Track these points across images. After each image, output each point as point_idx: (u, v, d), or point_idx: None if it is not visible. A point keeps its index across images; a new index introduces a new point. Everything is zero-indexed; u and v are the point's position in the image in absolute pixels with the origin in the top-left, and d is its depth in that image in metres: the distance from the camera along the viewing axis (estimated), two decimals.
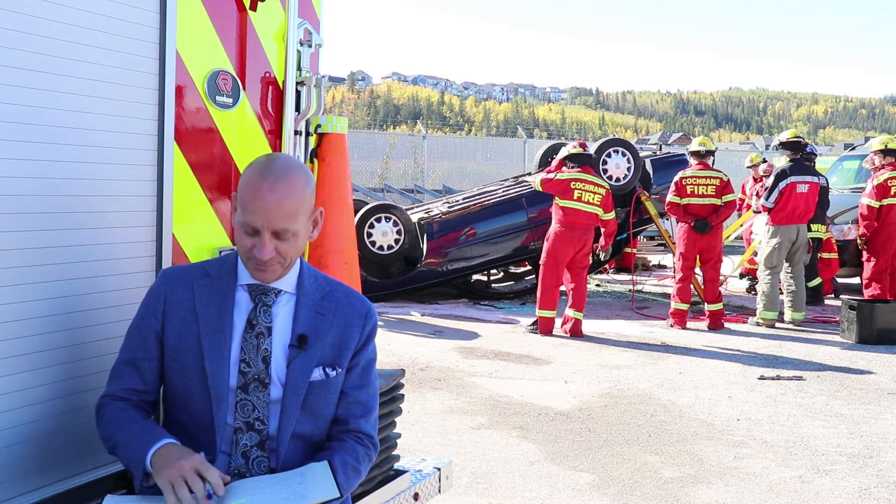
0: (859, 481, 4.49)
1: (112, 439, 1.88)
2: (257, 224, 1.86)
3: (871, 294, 9.30)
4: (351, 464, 1.96)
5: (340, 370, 1.99)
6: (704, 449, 4.99)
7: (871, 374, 6.97)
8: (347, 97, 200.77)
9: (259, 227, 1.86)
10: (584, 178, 8.43)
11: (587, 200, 8.38)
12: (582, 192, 8.39)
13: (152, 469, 1.78)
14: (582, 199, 8.38)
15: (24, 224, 1.92)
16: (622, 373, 6.90)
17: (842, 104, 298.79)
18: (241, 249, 1.92)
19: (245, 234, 1.89)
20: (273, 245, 1.88)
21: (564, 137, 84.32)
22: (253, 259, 1.89)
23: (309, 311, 1.98)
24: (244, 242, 1.90)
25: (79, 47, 2.03)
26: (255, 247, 1.88)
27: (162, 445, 1.81)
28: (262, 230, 1.87)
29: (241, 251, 1.92)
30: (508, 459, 4.76)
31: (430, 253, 10.46)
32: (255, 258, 1.88)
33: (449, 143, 22.09)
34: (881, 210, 9.32)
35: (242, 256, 1.93)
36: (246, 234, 1.89)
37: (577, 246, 8.41)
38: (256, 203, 1.86)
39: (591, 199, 8.38)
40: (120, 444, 1.87)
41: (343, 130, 2.92)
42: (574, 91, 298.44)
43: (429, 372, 6.81)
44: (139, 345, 1.95)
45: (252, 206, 1.86)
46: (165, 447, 1.81)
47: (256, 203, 1.86)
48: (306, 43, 2.78)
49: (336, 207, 2.87)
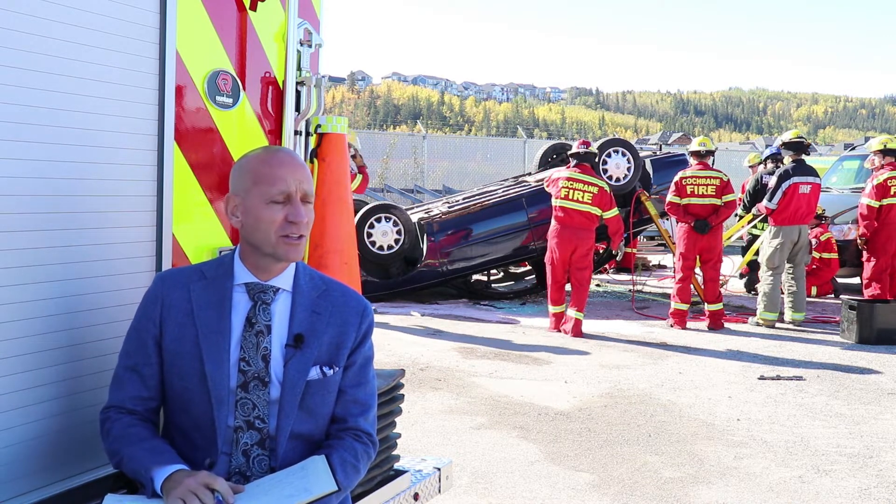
0: (859, 481, 4.49)
1: (118, 455, 1.88)
2: (290, 188, 1.89)
3: (871, 294, 9.30)
4: (350, 461, 1.95)
5: (337, 369, 1.98)
6: (704, 449, 4.99)
7: (871, 374, 6.97)
8: (347, 97, 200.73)
9: (292, 191, 1.89)
10: (575, 177, 8.51)
11: (576, 199, 8.43)
12: (570, 191, 8.46)
13: (162, 493, 1.78)
14: (570, 198, 8.45)
15: (24, 224, 1.92)
16: (622, 373, 6.90)
17: (842, 104, 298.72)
18: (272, 227, 1.89)
19: (273, 209, 1.89)
20: (304, 211, 1.91)
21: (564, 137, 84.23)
22: (290, 227, 1.89)
23: (305, 311, 1.98)
24: (274, 217, 1.89)
25: (79, 47, 2.03)
26: (290, 213, 1.88)
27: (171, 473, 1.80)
28: (295, 193, 1.89)
29: (272, 228, 1.89)
30: (508, 459, 4.77)
31: (430, 253, 10.47)
32: (294, 223, 1.89)
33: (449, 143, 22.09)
34: (881, 210, 9.32)
35: (272, 237, 1.90)
36: (274, 208, 1.89)
37: (571, 245, 8.45)
38: (281, 170, 1.89)
39: (581, 198, 8.42)
40: (127, 462, 1.86)
41: (343, 130, 2.91)
42: (574, 91, 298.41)
43: (429, 372, 6.81)
44: (138, 350, 1.94)
45: (278, 174, 1.89)
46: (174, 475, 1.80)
47: (281, 170, 1.89)
48: (306, 43, 2.78)
49: (336, 207, 2.87)
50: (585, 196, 8.40)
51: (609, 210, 8.48)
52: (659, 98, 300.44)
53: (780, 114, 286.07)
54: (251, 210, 1.91)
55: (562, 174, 8.66)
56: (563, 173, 8.67)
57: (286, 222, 1.89)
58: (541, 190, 10.52)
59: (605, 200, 8.45)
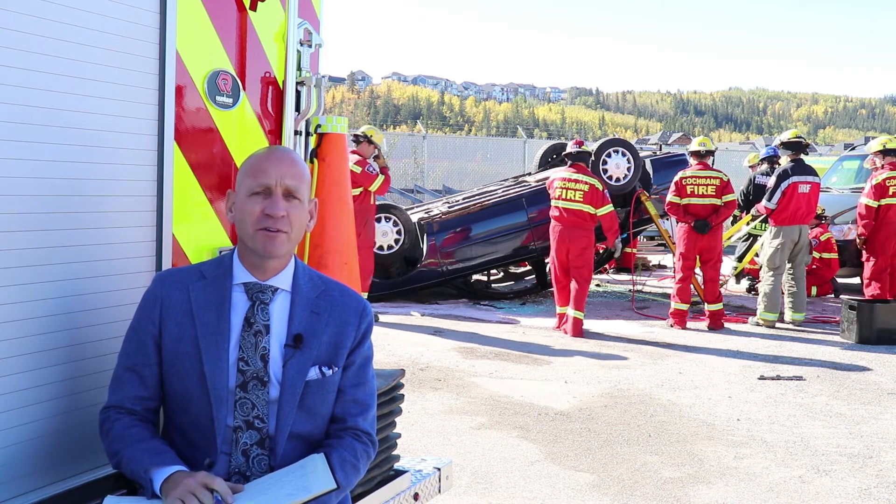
0: (859, 481, 4.49)
1: (118, 456, 1.88)
2: (270, 181, 1.91)
3: (871, 294, 9.30)
4: (349, 461, 1.96)
5: (337, 369, 1.99)
6: (704, 449, 4.99)
7: (871, 374, 6.97)
8: (347, 97, 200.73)
9: (272, 184, 1.91)
10: (567, 176, 8.58)
11: (568, 198, 8.49)
12: (563, 190, 8.54)
13: (161, 494, 1.78)
14: (563, 197, 8.52)
15: (24, 224, 1.92)
16: (622, 373, 6.90)
17: (842, 104, 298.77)
18: (251, 219, 1.91)
19: (254, 201, 1.91)
20: (284, 206, 1.91)
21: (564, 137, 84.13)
22: (267, 220, 1.90)
23: (304, 311, 1.98)
24: (254, 209, 1.91)
25: (79, 47, 2.03)
26: (268, 205, 1.90)
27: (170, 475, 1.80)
28: (275, 187, 1.91)
29: (250, 221, 1.91)
30: (508, 459, 4.76)
31: (430, 253, 10.47)
32: (269, 216, 1.90)
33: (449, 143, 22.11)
34: (879, 210, 9.32)
35: (250, 229, 1.92)
36: (255, 199, 1.91)
37: (566, 243, 8.49)
38: (267, 164, 1.93)
39: (573, 196, 8.47)
40: (126, 463, 1.86)
41: (343, 130, 2.92)
42: (574, 91, 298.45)
43: (429, 372, 6.81)
44: (138, 350, 1.94)
45: (262, 167, 1.92)
46: (173, 475, 1.80)
47: (267, 164, 1.93)
48: (306, 43, 2.78)
49: (336, 207, 2.87)
50: (577, 195, 8.46)
51: (602, 207, 8.48)
52: (659, 98, 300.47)
53: (780, 114, 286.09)
54: (238, 203, 1.95)
55: (559, 175, 8.73)
56: (559, 174, 8.75)
57: (263, 215, 1.91)
58: (541, 190, 10.52)
59: (596, 197, 8.46)
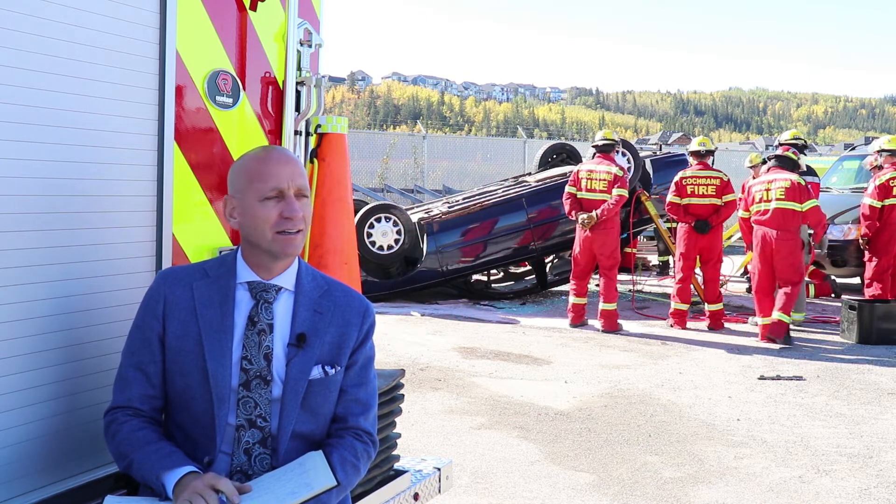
0: (859, 481, 4.49)
1: (127, 459, 1.87)
2: (282, 185, 1.92)
3: (872, 294, 9.29)
4: (350, 460, 1.96)
5: (339, 368, 1.99)
6: (704, 449, 4.99)
7: (871, 374, 6.96)
8: (347, 97, 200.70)
9: (284, 187, 1.92)
10: (591, 168, 8.73)
11: (592, 189, 8.62)
12: (588, 181, 8.67)
13: (172, 497, 1.79)
14: (587, 188, 8.65)
15: (24, 224, 1.92)
16: (622, 373, 6.90)
17: (842, 104, 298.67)
18: (267, 224, 1.91)
19: (268, 205, 1.91)
20: (299, 206, 1.93)
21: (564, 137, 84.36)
22: (286, 222, 1.91)
23: (308, 310, 1.98)
24: (269, 214, 1.91)
25: (79, 47, 2.03)
26: (285, 208, 1.91)
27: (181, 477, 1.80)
28: (287, 189, 1.92)
29: (268, 226, 1.91)
30: (508, 459, 4.76)
31: (430, 253, 10.46)
32: (289, 218, 1.91)
33: (449, 143, 22.07)
34: (883, 210, 9.33)
35: (269, 234, 1.92)
36: (269, 204, 1.91)
37: (588, 238, 8.58)
38: (275, 168, 1.93)
39: (597, 187, 8.59)
40: (136, 468, 1.86)
41: (343, 130, 2.91)
42: (574, 91, 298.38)
43: (429, 372, 6.81)
44: (142, 348, 1.94)
45: (270, 171, 1.92)
46: (183, 478, 1.80)
47: (275, 168, 1.93)
48: (306, 43, 2.79)
49: (336, 207, 2.87)
50: (601, 185, 8.62)
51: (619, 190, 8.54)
52: (659, 98, 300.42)
53: (780, 114, 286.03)
54: (248, 209, 1.94)
55: (582, 167, 8.89)
56: (584, 166, 8.90)
57: (281, 218, 1.92)
58: (541, 190, 10.51)
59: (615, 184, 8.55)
